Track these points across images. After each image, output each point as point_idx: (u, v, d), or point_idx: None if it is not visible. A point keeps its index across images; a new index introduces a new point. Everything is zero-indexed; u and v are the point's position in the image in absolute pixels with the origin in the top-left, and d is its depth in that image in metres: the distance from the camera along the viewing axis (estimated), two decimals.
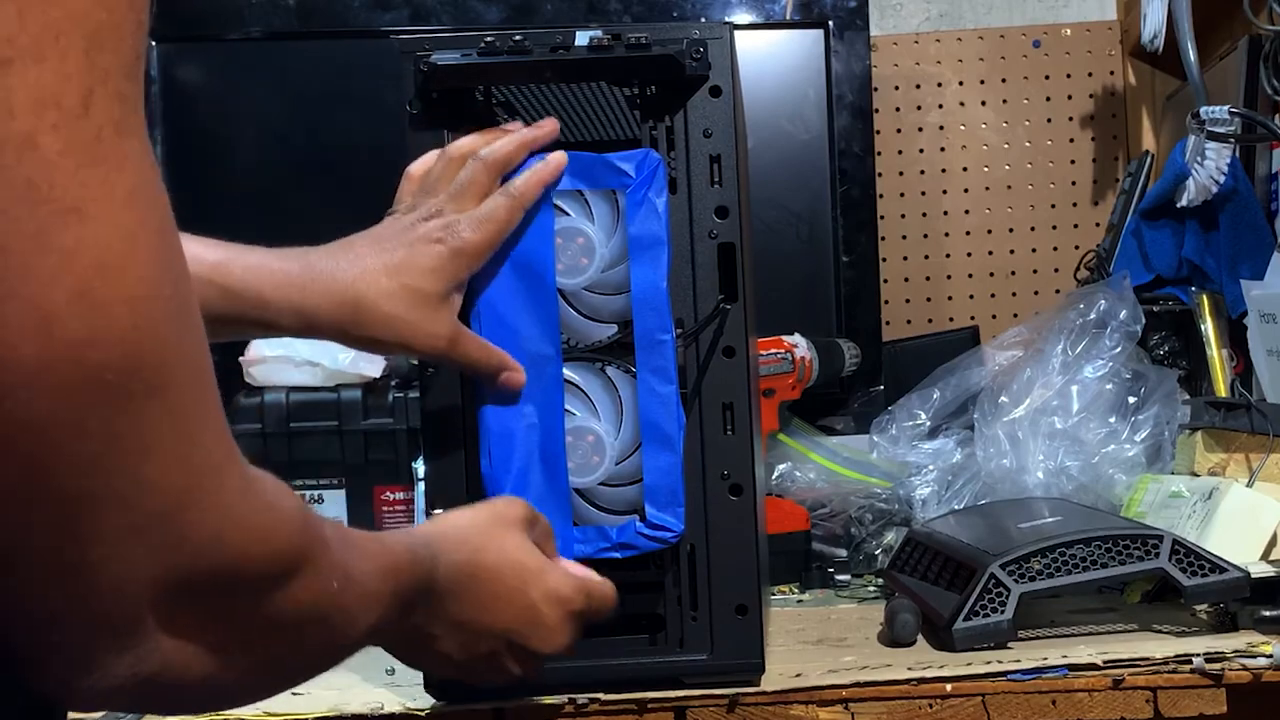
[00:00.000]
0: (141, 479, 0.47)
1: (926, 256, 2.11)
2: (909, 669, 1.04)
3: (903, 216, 2.11)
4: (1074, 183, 2.11)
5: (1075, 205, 2.11)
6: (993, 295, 2.11)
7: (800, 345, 1.57)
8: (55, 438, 0.45)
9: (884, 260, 1.97)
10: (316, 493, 1.51)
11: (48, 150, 0.44)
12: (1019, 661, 1.05)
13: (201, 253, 0.88)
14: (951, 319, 2.09)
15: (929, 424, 1.62)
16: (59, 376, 0.45)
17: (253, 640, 0.55)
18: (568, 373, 1.00)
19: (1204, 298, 1.60)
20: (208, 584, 0.50)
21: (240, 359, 1.51)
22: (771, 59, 1.86)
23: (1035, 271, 2.11)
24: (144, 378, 0.46)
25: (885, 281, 1.99)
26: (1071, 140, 2.11)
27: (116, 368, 0.46)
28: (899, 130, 2.11)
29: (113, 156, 0.46)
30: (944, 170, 2.11)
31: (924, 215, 2.11)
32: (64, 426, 0.45)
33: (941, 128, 2.12)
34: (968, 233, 2.11)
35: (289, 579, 0.55)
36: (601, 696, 1.03)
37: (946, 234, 2.11)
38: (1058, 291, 2.05)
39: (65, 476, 0.46)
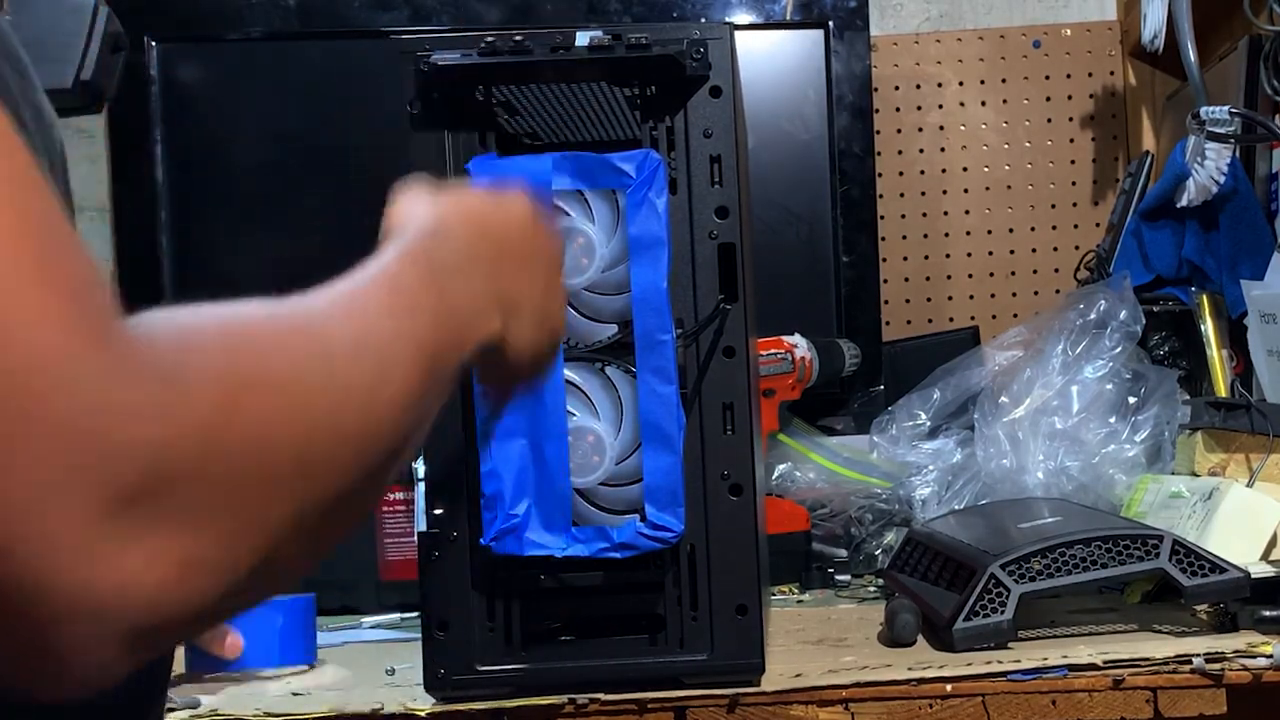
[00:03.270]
0: None
1: (926, 256, 2.11)
2: (909, 669, 1.04)
3: (903, 216, 2.11)
4: (1074, 183, 2.11)
5: (1075, 205, 2.11)
6: (993, 295, 2.11)
7: (800, 345, 1.58)
8: None
9: (884, 260, 1.97)
10: None
11: None
12: (1019, 661, 1.04)
13: None
14: (951, 319, 2.09)
15: (929, 424, 1.62)
16: None
17: (247, 495, 0.43)
18: (568, 373, 1.00)
19: (1204, 298, 1.59)
20: (128, 484, 0.40)
21: None
22: (771, 59, 1.86)
23: (1035, 271, 2.11)
24: None
25: (885, 281, 1.99)
26: (1071, 140, 2.11)
27: None
28: (899, 130, 2.11)
29: None
30: (944, 170, 2.11)
31: (924, 215, 2.11)
32: None
33: (941, 128, 2.12)
34: (968, 233, 2.11)
35: (230, 416, 0.43)
36: (601, 696, 1.03)
37: (946, 234, 2.11)
38: (1058, 291, 2.05)
39: None
